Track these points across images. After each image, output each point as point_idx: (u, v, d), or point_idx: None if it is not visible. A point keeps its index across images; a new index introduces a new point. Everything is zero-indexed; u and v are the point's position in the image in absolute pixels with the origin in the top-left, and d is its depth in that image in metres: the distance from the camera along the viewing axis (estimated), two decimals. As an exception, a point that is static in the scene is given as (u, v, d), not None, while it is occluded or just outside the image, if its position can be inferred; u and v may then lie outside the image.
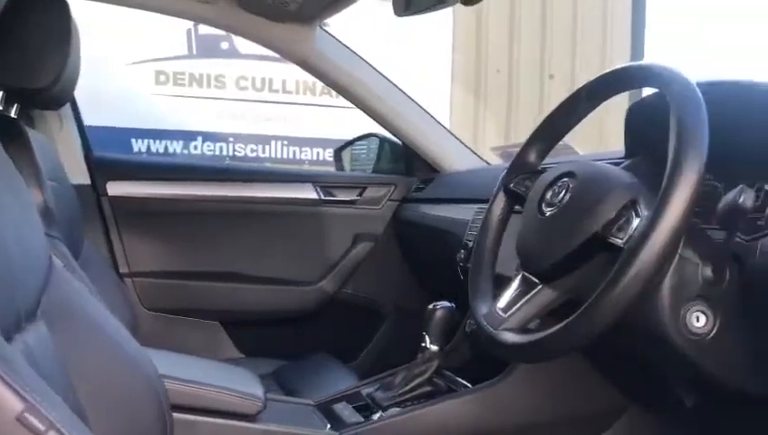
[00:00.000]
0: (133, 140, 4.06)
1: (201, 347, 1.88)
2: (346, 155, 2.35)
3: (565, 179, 0.93)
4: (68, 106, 1.84)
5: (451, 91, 4.40)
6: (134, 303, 1.86)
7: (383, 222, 2.03)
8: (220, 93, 4.20)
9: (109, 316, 1.00)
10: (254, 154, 4.23)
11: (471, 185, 1.80)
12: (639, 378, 1.16)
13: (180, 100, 4.17)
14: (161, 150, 4.11)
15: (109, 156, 2.02)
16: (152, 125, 4.11)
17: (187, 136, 4.18)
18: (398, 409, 1.24)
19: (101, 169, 1.89)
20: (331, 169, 2.51)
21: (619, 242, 0.82)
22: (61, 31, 1.39)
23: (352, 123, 2.39)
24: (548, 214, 0.92)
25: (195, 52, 4.15)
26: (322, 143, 4.22)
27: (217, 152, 4.22)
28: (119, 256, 1.88)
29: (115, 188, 1.88)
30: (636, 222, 0.82)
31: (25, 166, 1.31)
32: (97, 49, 3.74)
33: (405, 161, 2.09)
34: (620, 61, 4.64)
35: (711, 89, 0.88)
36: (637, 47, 4.75)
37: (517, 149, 1.14)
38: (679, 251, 0.87)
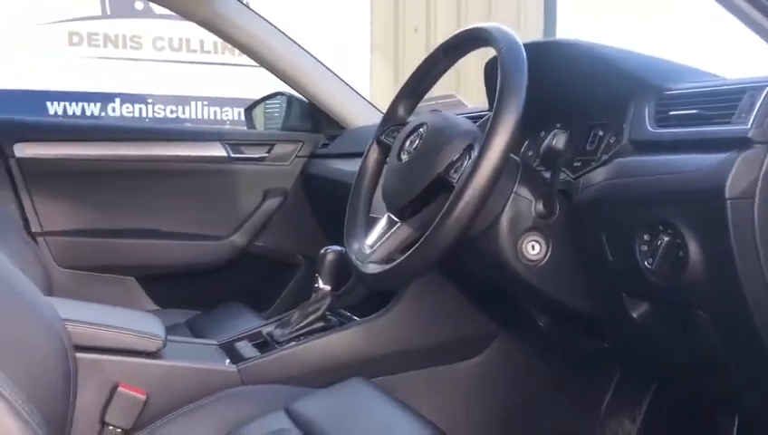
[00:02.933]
0: (49, 103, 4.00)
1: (118, 302, 1.93)
2: (257, 114, 2.43)
3: (420, 130, 1.05)
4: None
5: (371, 52, 4.48)
6: (48, 261, 1.91)
7: (292, 177, 2.13)
8: (137, 54, 4.16)
9: (10, 267, 1.07)
10: (174, 115, 4.23)
11: (373, 139, 1.91)
12: (503, 304, 1.31)
13: (96, 61, 4.11)
14: (78, 113, 4.06)
15: (14, 118, 2.03)
16: (68, 87, 4.05)
17: (105, 98, 4.14)
18: (293, 343, 1.36)
19: (6, 130, 1.91)
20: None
21: (453, 181, 0.95)
22: None
23: (273, 82, 2.45)
24: (404, 160, 1.05)
25: (108, 12, 4.08)
26: (243, 103, 4.24)
27: (137, 114, 4.20)
28: (30, 216, 1.92)
29: (22, 150, 1.91)
30: (467, 163, 0.95)
31: None
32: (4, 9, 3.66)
33: (312, 119, 2.18)
34: (534, 17, 4.79)
35: (544, 47, 1.01)
36: (550, 5, 4.89)
37: (421, 105, 1.27)
38: (515, 189, 1.01)
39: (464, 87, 3.64)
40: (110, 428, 1.16)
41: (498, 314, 1.37)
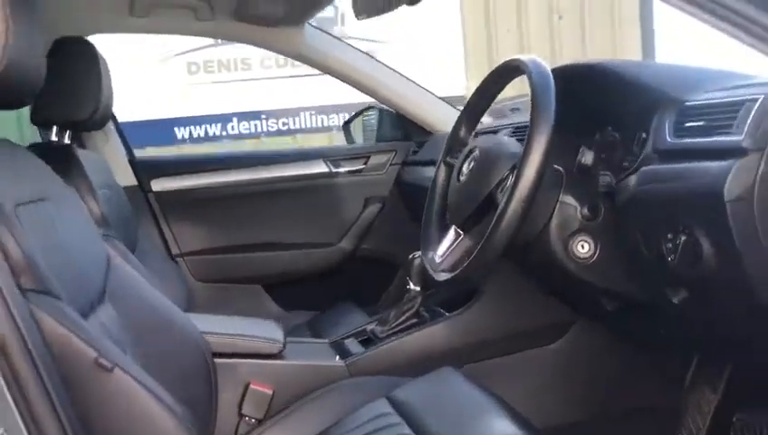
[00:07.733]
0: (176, 129, 4.46)
1: (248, 308, 2.24)
2: (354, 127, 2.65)
3: (474, 153, 1.22)
4: (110, 123, 2.20)
5: (465, 61, 4.60)
6: (187, 277, 2.24)
7: (388, 185, 2.34)
8: (247, 75, 4.53)
9: (158, 294, 1.34)
10: (286, 127, 4.57)
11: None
12: (573, 293, 1.45)
13: (212, 85, 4.53)
14: (202, 135, 4.50)
15: (149, 158, 2.38)
16: (191, 112, 4.50)
17: (224, 118, 4.56)
18: (391, 338, 1.57)
19: (144, 170, 2.25)
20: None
21: (499, 199, 1.11)
22: (92, 70, 1.74)
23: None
24: (462, 181, 1.22)
25: (219, 40, 4.47)
26: (348, 108, 4.51)
27: (252, 129, 4.58)
28: (170, 241, 2.25)
29: (158, 185, 2.25)
30: (511, 181, 1.11)
31: (80, 182, 1.67)
32: (131, 52, 4.12)
33: (402, 128, 2.37)
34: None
35: (568, 70, 1.15)
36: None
37: (498, 106, 1.41)
38: (560, 198, 1.16)
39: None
40: (247, 418, 1.43)
41: (571, 302, 1.50)
